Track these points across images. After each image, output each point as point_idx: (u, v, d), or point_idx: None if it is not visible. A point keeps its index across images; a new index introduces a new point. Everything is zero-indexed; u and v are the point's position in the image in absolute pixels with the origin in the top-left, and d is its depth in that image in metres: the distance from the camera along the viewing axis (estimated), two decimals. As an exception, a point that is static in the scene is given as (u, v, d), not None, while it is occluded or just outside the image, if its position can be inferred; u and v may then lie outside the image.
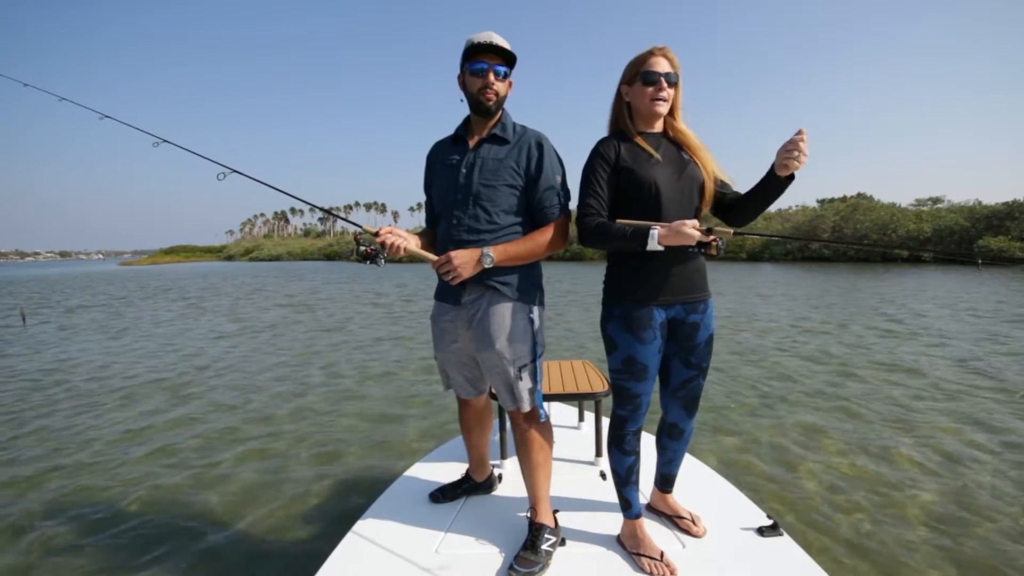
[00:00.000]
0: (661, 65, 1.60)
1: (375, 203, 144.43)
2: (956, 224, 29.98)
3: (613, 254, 1.71)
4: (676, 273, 1.61)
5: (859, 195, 41.91)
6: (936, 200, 41.04)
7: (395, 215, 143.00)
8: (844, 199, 41.58)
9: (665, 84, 1.60)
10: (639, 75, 1.62)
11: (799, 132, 1.40)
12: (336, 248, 66.97)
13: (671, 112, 1.68)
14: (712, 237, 1.47)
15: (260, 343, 8.20)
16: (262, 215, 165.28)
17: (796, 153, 1.40)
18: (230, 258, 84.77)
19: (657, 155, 1.62)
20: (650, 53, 1.63)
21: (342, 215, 2.26)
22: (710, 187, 1.65)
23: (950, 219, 30.63)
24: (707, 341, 1.71)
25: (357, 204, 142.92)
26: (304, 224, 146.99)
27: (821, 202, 46.15)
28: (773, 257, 33.33)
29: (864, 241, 31.87)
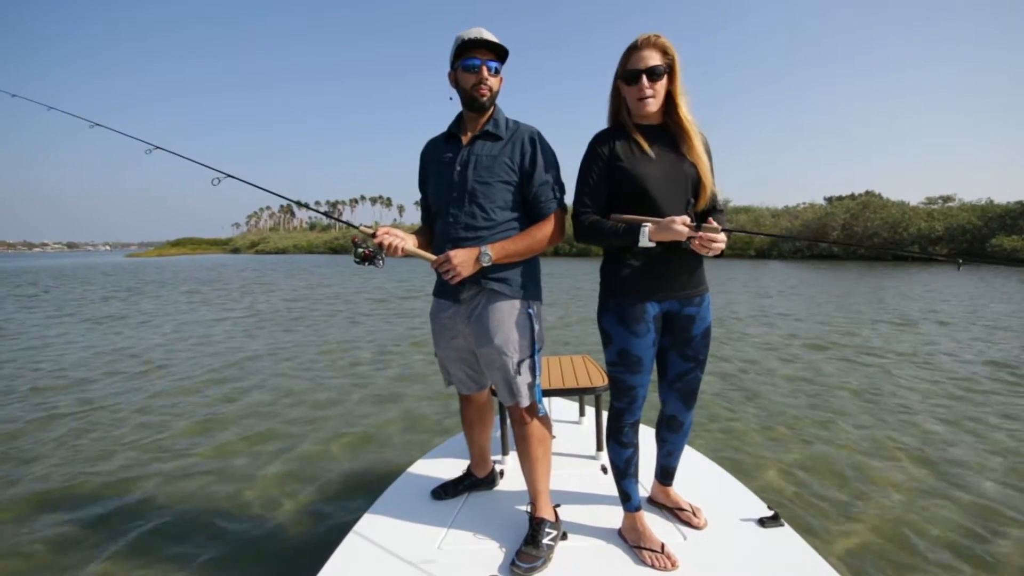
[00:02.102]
0: (643, 60, 1.54)
1: (380, 197, 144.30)
2: (968, 223, 29.54)
3: (609, 248, 1.70)
4: (670, 269, 1.62)
5: (868, 193, 41.44)
6: (947, 199, 40.23)
7: (400, 209, 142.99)
8: (853, 196, 41.14)
9: (647, 81, 1.55)
10: (622, 73, 1.60)
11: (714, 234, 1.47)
12: (341, 242, 67.16)
13: (670, 102, 1.61)
14: (701, 233, 1.47)
15: (268, 339, 8.16)
16: (268, 208, 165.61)
17: (712, 246, 1.47)
18: (236, 251, 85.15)
19: (650, 152, 1.59)
20: (633, 47, 1.57)
21: (335, 216, 2.19)
22: (707, 185, 1.61)
23: (962, 218, 30.17)
24: (703, 334, 1.70)
25: (363, 198, 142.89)
26: (310, 217, 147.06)
27: (828, 199, 45.69)
28: (781, 255, 33.07)
29: (868, 240, 31.50)
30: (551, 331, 8.02)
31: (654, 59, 1.54)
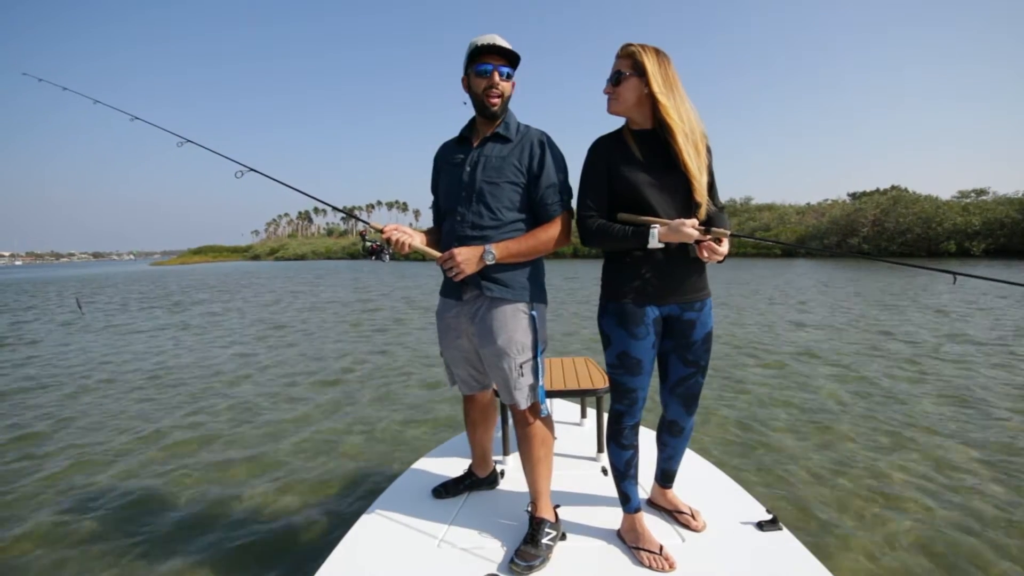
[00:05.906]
0: (612, 69, 1.63)
1: (397, 201, 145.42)
2: (1007, 216, 28.38)
3: (610, 251, 1.71)
4: (670, 273, 1.62)
5: (894, 188, 40.14)
6: (980, 192, 38.77)
7: (416, 213, 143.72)
8: (880, 192, 39.97)
9: (608, 85, 1.65)
10: None
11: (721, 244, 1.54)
12: (359, 247, 67.33)
13: (653, 106, 1.59)
14: (709, 236, 1.52)
15: (279, 340, 8.10)
16: (286, 215, 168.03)
17: (717, 257, 1.54)
18: (256, 257, 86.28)
19: (640, 157, 1.61)
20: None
21: (349, 211, 2.41)
22: (700, 190, 1.58)
23: (999, 211, 29.01)
24: (704, 339, 1.71)
25: (379, 203, 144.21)
26: (327, 223, 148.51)
27: (852, 195, 44.52)
28: (809, 253, 32.26)
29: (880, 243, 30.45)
30: (554, 332, 7.88)
31: (618, 66, 1.61)
